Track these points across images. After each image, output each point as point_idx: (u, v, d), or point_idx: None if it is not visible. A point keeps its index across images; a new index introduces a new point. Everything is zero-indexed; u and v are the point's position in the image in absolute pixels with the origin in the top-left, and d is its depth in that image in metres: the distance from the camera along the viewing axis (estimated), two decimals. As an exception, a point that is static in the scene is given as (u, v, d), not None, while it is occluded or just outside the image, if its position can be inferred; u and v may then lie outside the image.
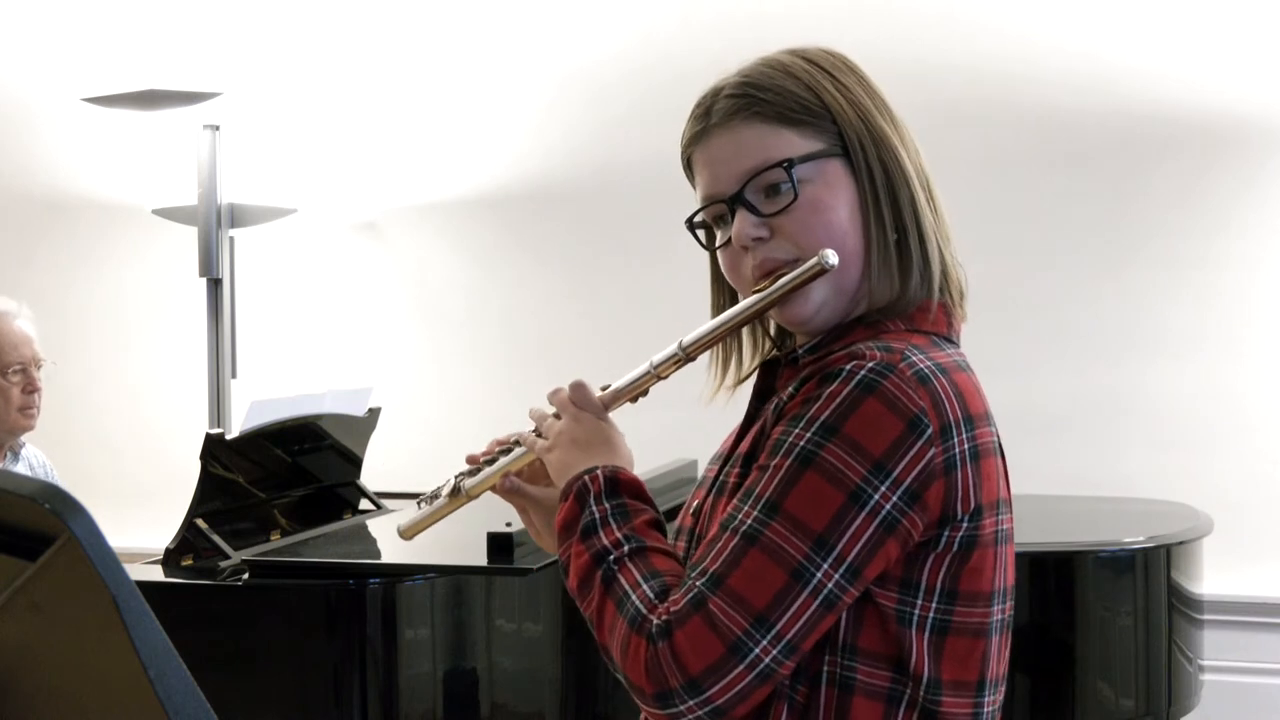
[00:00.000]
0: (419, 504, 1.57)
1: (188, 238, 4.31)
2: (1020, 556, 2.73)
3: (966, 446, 1.25)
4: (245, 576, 2.68)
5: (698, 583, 1.22)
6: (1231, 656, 3.68)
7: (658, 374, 1.40)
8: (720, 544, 1.23)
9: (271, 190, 4.41)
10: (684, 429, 2.75)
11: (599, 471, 1.33)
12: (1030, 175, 3.96)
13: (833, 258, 1.28)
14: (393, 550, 3.15)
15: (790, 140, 1.32)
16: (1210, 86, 3.79)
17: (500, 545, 2.64)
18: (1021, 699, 2.79)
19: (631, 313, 4.19)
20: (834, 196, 1.32)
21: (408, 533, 1.59)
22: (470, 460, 1.51)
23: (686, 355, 1.38)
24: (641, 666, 1.21)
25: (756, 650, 1.19)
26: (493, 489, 1.49)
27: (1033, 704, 2.80)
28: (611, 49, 4.24)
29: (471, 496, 1.51)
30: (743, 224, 1.33)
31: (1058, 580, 2.81)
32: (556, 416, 1.42)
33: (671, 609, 1.21)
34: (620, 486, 1.32)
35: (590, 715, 2.64)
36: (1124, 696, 2.81)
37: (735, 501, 1.26)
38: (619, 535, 1.28)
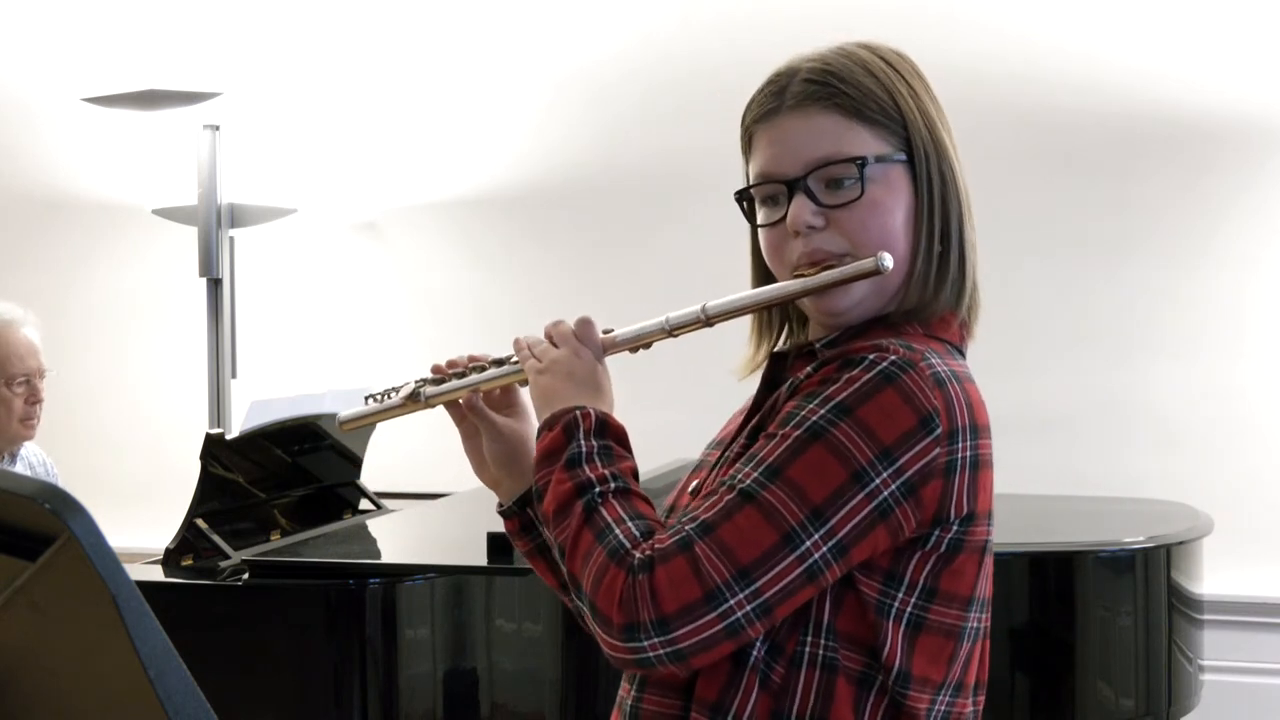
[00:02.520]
0: (367, 399, 1.54)
1: (188, 238, 4.31)
2: (1020, 556, 2.76)
3: (969, 454, 1.27)
4: (245, 576, 2.68)
5: (687, 527, 1.24)
6: (1231, 656, 3.68)
7: (670, 332, 1.40)
8: (716, 498, 1.25)
9: (271, 190, 4.41)
10: (686, 429, 2.75)
11: (590, 410, 1.34)
12: (1030, 175, 3.96)
13: (888, 261, 1.30)
14: (393, 550, 3.15)
15: (863, 138, 1.34)
16: (1210, 86, 3.79)
17: (500, 545, 2.64)
18: (1021, 699, 2.79)
19: (632, 313, 4.18)
20: (894, 200, 1.34)
21: (348, 425, 1.56)
22: (435, 370, 1.51)
23: (706, 320, 1.38)
24: (616, 596, 1.22)
25: (731, 602, 1.21)
26: (448, 404, 1.49)
27: (1033, 704, 2.80)
28: (611, 49, 4.24)
29: (429, 405, 1.50)
30: (801, 210, 1.34)
31: (1058, 580, 2.81)
32: (553, 343, 1.41)
33: (657, 546, 1.23)
34: (608, 429, 1.34)
35: (590, 715, 2.64)
36: (1124, 696, 2.81)
37: (738, 465, 1.28)
38: (605, 472, 1.30)
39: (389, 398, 1.52)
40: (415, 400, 1.49)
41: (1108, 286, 3.90)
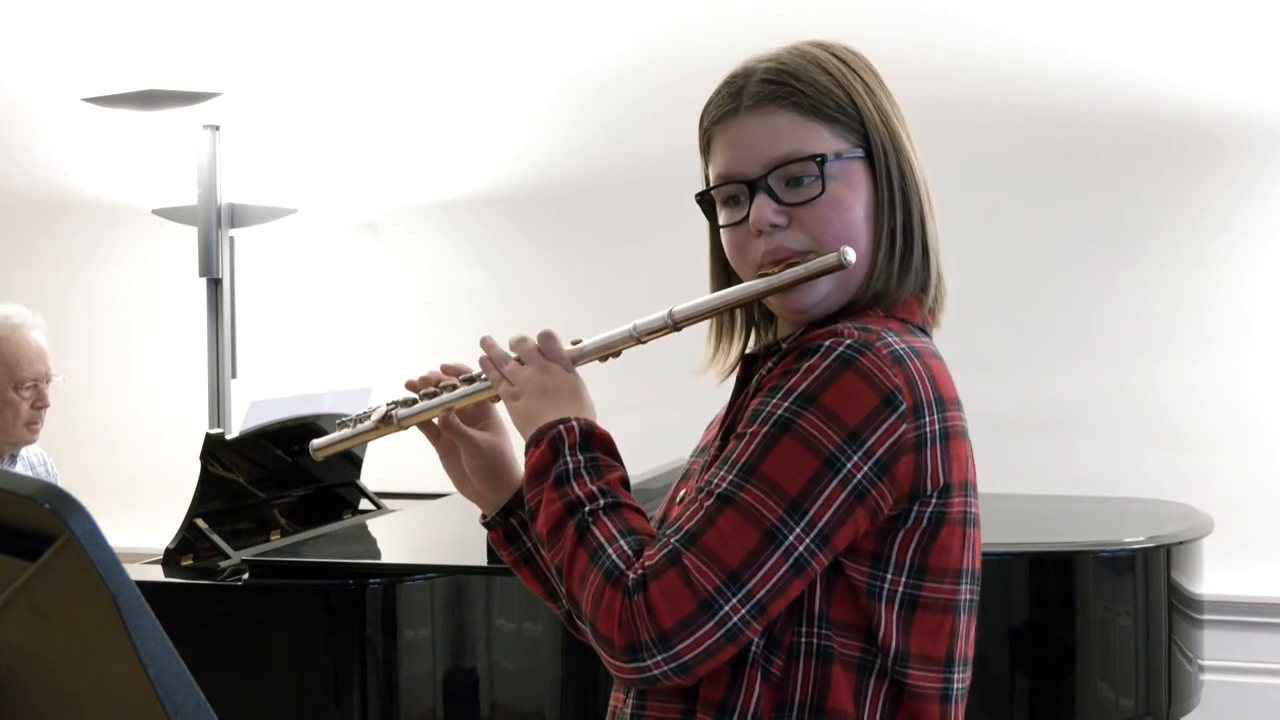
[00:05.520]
0: (339, 424, 1.55)
1: (188, 238, 4.31)
2: (1020, 556, 2.76)
3: (937, 426, 1.28)
4: (245, 576, 2.68)
5: (673, 539, 1.25)
6: (1231, 656, 3.68)
7: (638, 339, 1.41)
8: (696, 505, 1.26)
9: (271, 190, 4.41)
10: (679, 431, 2.75)
11: (574, 423, 1.34)
12: (1031, 176, 3.96)
13: (851, 255, 1.31)
14: (393, 550, 3.16)
15: (822, 135, 1.35)
16: (1210, 87, 3.79)
17: (500, 545, 2.63)
18: (1021, 699, 2.79)
19: (631, 312, 4.18)
20: (854, 196, 1.35)
21: (319, 452, 1.56)
22: (409, 387, 1.51)
23: (674, 325, 1.39)
24: (615, 619, 1.23)
25: (727, 608, 1.22)
26: (421, 424, 1.49)
27: (1033, 704, 2.80)
28: (611, 49, 4.24)
29: (403, 427, 1.50)
30: (763, 209, 1.34)
31: (1058, 580, 2.81)
32: (519, 362, 1.41)
33: (647, 564, 1.24)
34: (594, 440, 1.34)
35: (590, 715, 2.64)
36: (1124, 696, 2.80)
37: (713, 469, 1.29)
38: (593, 488, 1.30)
39: (361, 422, 1.52)
40: (388, 423, 1.49)
41: (1108, 286, 3.90)
